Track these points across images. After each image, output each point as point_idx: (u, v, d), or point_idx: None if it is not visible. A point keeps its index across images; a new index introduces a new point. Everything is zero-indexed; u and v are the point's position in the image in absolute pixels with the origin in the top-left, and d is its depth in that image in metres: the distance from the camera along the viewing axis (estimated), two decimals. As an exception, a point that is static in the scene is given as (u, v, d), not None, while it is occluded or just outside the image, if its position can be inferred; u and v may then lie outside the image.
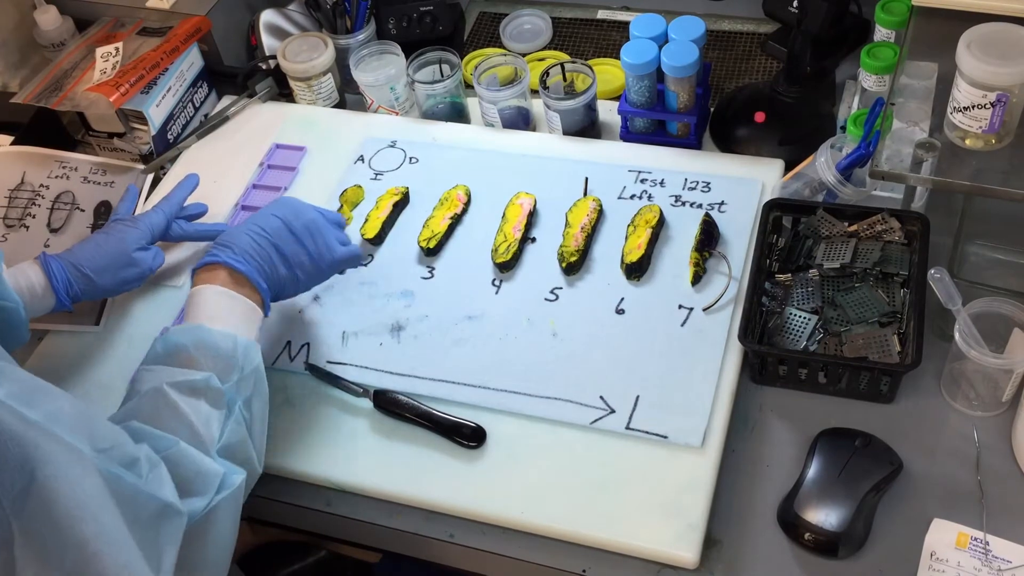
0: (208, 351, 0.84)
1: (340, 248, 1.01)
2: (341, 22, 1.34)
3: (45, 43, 1.39)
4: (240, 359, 0.85)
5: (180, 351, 0.84)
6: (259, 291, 0.92)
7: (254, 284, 0.92)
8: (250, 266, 0.92)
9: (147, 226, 1.08)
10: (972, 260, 1.02)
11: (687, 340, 1.00)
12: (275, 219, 0.96)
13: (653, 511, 0.88)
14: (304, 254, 0.97)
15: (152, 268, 1.08)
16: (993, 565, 0.82)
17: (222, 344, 0.85)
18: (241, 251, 0.92)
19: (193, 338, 0.85)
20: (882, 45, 1.11)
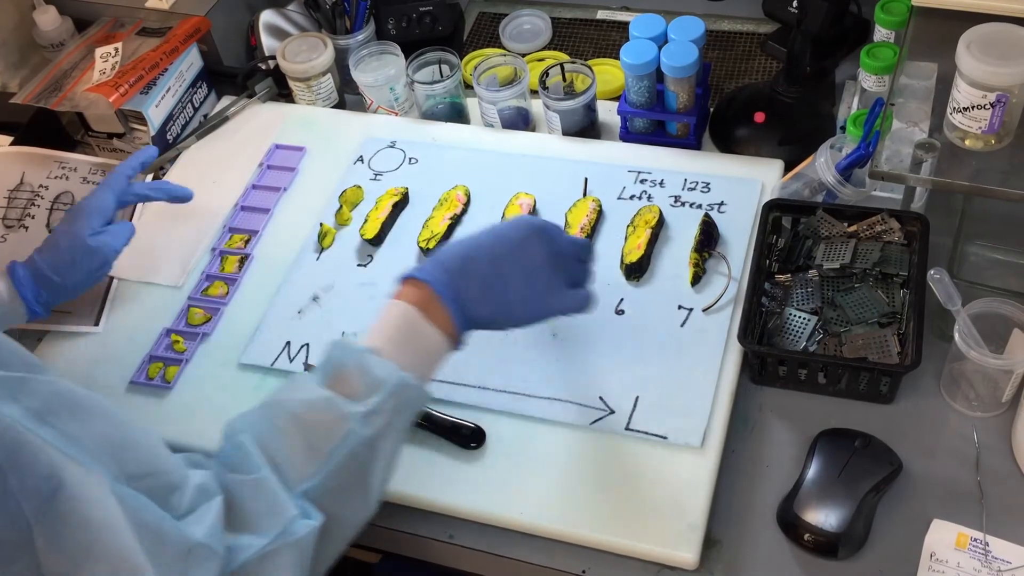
0: (365, 378, 0.76)
1: (567, 293, 0.87)
2: (340, 22, 1.34)
3: (44, 43, 1.39)
4: (386, 391, 0.76)
5: (341, 369, 0.77)
6: (455, 323, 0.81)
7: (451, 316, 0.81)
8: (452, 291, 0.81)
9: (95, 208, 1.04)
10: (972, 260, 1.02)
11: (687, 340, 1.00)
12: (505, 243, 0.84)
13: (653, 511, 0.88)
14: (522, 293, 0.84)
15: (116, 248, 1.04)
16: (993, 566, 0.82)
17: (380, 375, 0.76)
18: (449, 271, 0.82)
19: (356, 360, 0.77)
20: (882, 45, 1.11)
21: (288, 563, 0.70)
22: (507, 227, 0.86)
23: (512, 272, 0.83)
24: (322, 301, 1.10)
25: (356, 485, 0.76)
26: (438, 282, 0.81)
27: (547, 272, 0.85)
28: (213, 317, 1.10)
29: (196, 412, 1.02)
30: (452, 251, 0.84)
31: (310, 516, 0.72)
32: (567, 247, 0.88)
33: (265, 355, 1.05)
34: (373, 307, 1.06)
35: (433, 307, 0.80)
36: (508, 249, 0.84)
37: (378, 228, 1.14)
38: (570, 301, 0.88)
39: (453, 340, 0.82)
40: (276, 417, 0.75)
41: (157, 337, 1.09)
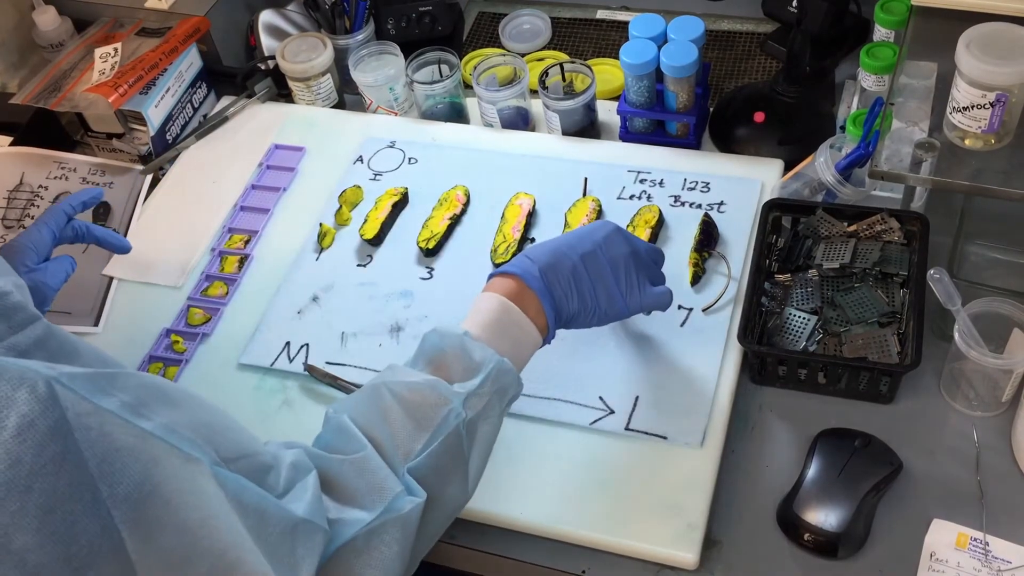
0: (463, 361, 0.79)
1: (649, 290, 0.92)
2: (340, 22, 1.34)
3: (44, 44, 1.39)
4: (484, 375, 0.78)
5: (438, 353, 0.79)
6: (546, 316, 0.85)
7: (544, 308, 0.84)
8: (545, 285, 0.85)
9: (29, 246, 1.00)
10: (972, 260, 1.02)
11: (687, 340, 0.99)
12: (590, 243, 0.89)
13: (653, 511, 0.88)
14: (612, 287, 0.89)
15: (52, 286, 1.00)
16: (993, 566, 0.82)
17: (477, 358, 0.79)
18: (543, 268, 0.85)
19: (453, 344, 0.79)
20: (881, 45, 1.11)
21: (393, 539, 0.71)
22: (591, 227, 0.91)
23: (599, 268, 0.88)
24: (322, 301, 1.10)
25: (456, 467, 0.77)
26: (529, 275, 0.84)
27: (631, 270, 0.90)
28: (213, 317, 1.10)
29: (196, 412, 1.02)
30: (541, 248, 0.88)
31: (415, 493, 0.73)
32: (644, 249, 0.93)
33: (265, 355, 1.05)
34: (373, 307, 1.08)
35: (526, 299, 0.83)
36: (594, 246, 0.88)
37: (378, 228, 1.14)
38: (653, 298, 0.93)
39: (543, 332, 0.85)
40: (379, 399, 0.76)
41: (157, 337, 1.09)
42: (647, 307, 0.93)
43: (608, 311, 0.89)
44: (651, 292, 0.93)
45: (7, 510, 0.56)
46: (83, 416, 0.58)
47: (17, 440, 0.56)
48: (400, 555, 0.72)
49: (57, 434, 0.57)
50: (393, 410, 0.75)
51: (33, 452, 0.56)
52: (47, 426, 0.57)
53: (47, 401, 0.57)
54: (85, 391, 0.59)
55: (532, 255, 0.87)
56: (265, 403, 1.02)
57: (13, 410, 0.56)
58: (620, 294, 0.89)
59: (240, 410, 1.02)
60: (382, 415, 0.75)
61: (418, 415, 0.75)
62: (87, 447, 0.58)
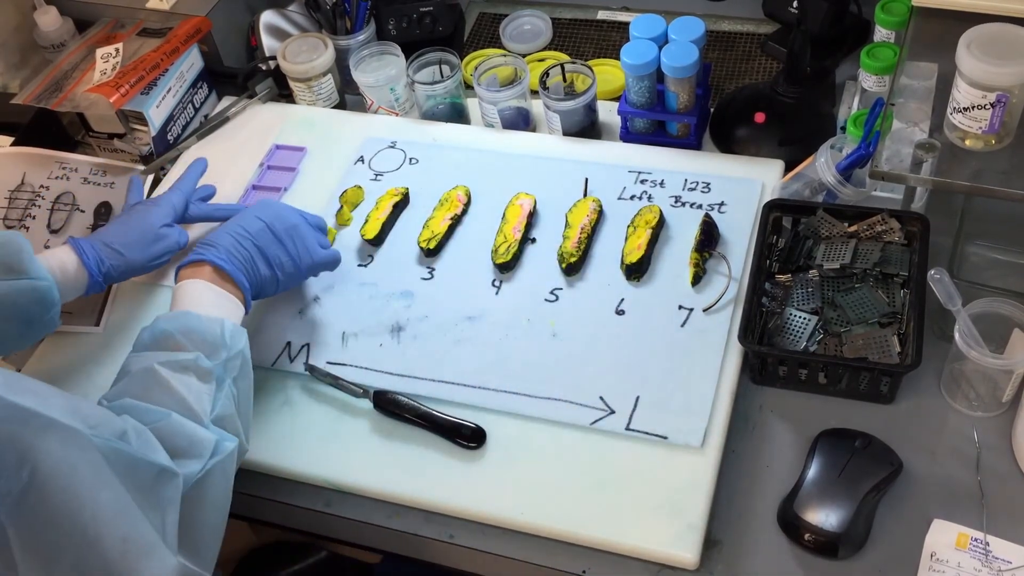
0: (195, 335, 0.87)
1: (320, 251, 1.04)
2: (341, 23, 1.35)
3: (45, 44, 1.39)
4: (227, 340, 0.88)
5: (167, 337, 0.87)
6: (241, 289, 0.96)
7: (236, 282, 0.95)
8: (233, 265, 0.95)
9: (169, 204, 1.10)
10: (972, 260, 1.02)
11: (687, 341, 1.00)
12: (258, 221, 1.00)
13: (653, 511, 0.88)
14: (285, 256, 1.01)
15: (180, 243, 1.10)
16: (993, 566, 0.82)
17: (208, 328, 0.88)
18: (225, 250, 0.96)
19: (180, 324, 0.88)
20: (882, 45, 1.11)
21: (222, 479, 0.82)
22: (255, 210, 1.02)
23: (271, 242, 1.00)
24: (323, 301, 1.10)
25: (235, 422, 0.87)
26: (219, 259, 0.95)
27: (299, 243, 1.02)
28: (213, 317, 1.10)
29: (196, 412, 1.02)
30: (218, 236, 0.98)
31: (226, 439, 0.83)
32: (307, 218, 1.05)
33: (265, 355, 1.05)
34: (373, 307, 1.08)
35: (223, 279, 0.95)
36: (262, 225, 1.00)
37: (378, 228, 1.14)
38: (323, 258, 1.05)
39: (243, 303, 0.96)
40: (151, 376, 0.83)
41: (158, 337, 1.09)
42: (321, 267, 1.06)
43: (287, 277, 1.01)
44: (322, 254, 1.04)
45: None
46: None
47: None
48: (226, 492, 0.83)
49: None
50: (176, 380, 0.83)
51: None
52: None
53: None
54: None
55: (211, 241, 0.97)
56: (266, 403, 1.02)
57: None
58: (293, 262, 1.01)
59: (241, 410, 1.02)
60: (166, 387, 0.83)
61: (198, 381, 0.84)
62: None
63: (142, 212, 1.09)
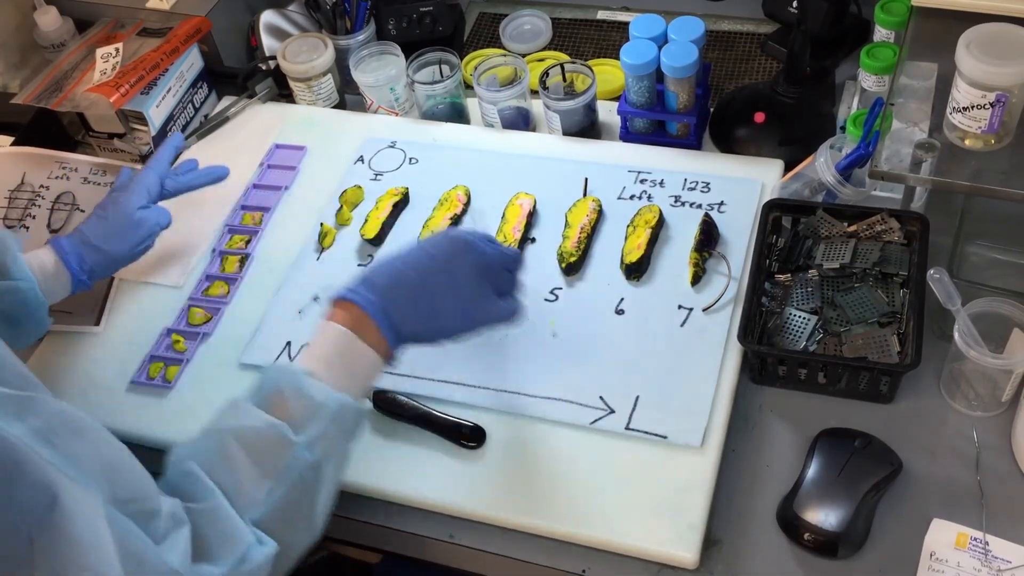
0: (302, 400, 0.78)
1: (495, 303, 0.89)
2: (341, 23, 1.35)
3: (45, 44, 1.39)
4: (328, 418, 0.78)
5: (276, 394, 0.79)
6: (388, 340, 0.83)
7: (383, 334, 0.83)
8: (383, 311, 0.83)
9: (142, 186, 1.07)
10: (971, 260, 1.02)
11: (687, 340, 1.00)
12: (431, 259, 0.86)
13: (653, 511, 0.88)
14: (454, 303, 0.86)
15: (159, 223, 1.08)
16: (993, 565, 0.82)
17: (317, 398, 0.78)
18: (378, 290, 0.84)
19: (292, 384, 0.79)
20: (882, 45, 1.11)
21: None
22: (434, 243, 0.88)
23: (439, 288, 0.85)
24: (323, 301, 1.10)
25: (302, 511, 0.77)
26: (368, 302, 0.83)
27: (473, 284, 0.87)
28: (214, 317, 1.10)
29: (197, 412, 1.02)
30: (381, 270, 0.86)
31: (264, 543, 0.74)
32: (495, 258, 0.89)
33: (265, 355, 1.05)
34: (373, 307, 1.08)
35: (366, 326, 0.82)
36: (435, 265, 0.86)
37: (378, 228, 1.14)
38: (498, 312, 0.89)
39: (386, 357, 0.84)
40: (222, 444, 0.76)
41: (158, 337, 1.09)
42: (494, 322, 0.89)
43: (453, 329, 0.87)
44: (497, 307, 0.88)
45: None
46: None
47: None
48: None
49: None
50: (236, 456, 0.75)
51: None
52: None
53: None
54: None
55: (372, 278, 0.85)
56: (266, 403, 1.02)
57: None
58: (463, 311, 0.86)
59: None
60: (225, 461, 0.75)
61: (261, 463, 0.75)
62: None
63: (117, 200, 1.06)
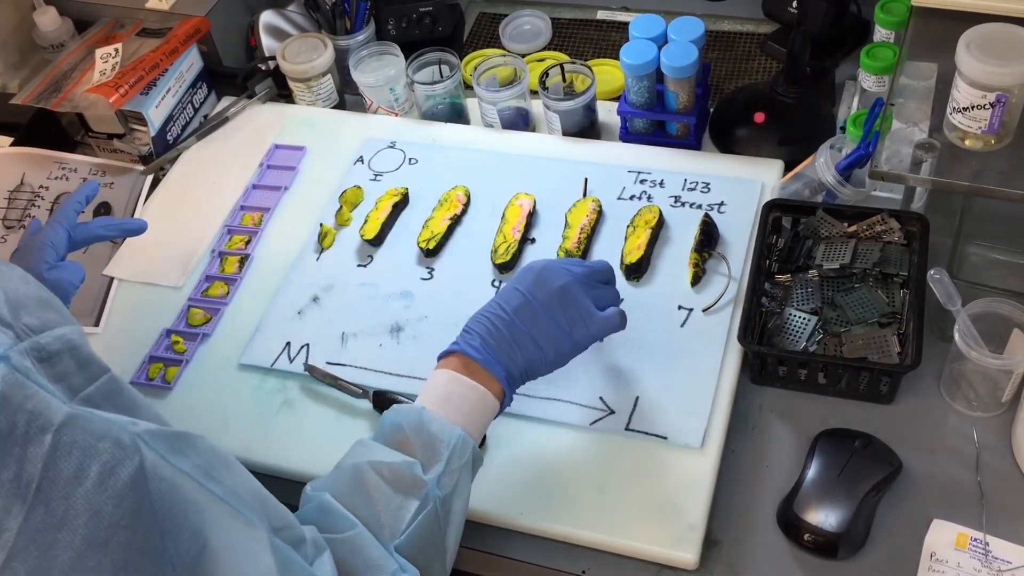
0: (422, 436, 0.79)
1: (596, 316, 0.89)
2: (340, 23, 1.35)
3: (44, 44, 1.39)
4: (449, 452, 0.79)
5: (397, 431, 0.80)
6: (497, 378, 0.84)
7: (492, 374, 0.84)
8: (487, 353, 0.85)
9: (49, 244, 1.00)
10: (972, 260, 1.02)
11: (687, 341, 1.00)
12: (518, 294, 0.88)
13: (653, 511, 0.88)
14: (555, 328, 0.87)
15: (73, 283, 1.00)
16: (993, 566, 0.82)
17: (436, 432, 0.79)
18: (478, 336, 0.86)
19: (411, 420, 0.80)
20: (881, 45, 1.11)
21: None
22: (517, 278, 0.89)
23: (534, 317, 0.86)
24: (322, 301, 1.10)
25: (436, 545, 0.78)
26: (470, 347, 0.85)
27: (571, 309, 0.88)
28: (213, 317, 1.10)
29: (196, 412, 1.02)
30: (475, 318, 0.88)
31: (407, 570, 0.74)
32: (582, 275, 0.90)
33: (265, 355, 1.05)
34: (373, 307, 1.08)
35: (473, 369, 0.84)
36: (523, 296, 0.87)
37: (378, 228, 1.14)
38: (601, 326, 0.90)
39: (500, 394, 0.85)
40: (360, 476, 0.77)
41: (157, 337, 1.09)
42: (599, 337, 0.91)
43: (559, 353, 0.88)
44: (599, 321, 0.89)
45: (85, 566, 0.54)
46: (159, 469, 0.58)
47: (99, 490, 0.55)
48: None
49: (136, 485, 0.56)
50: (379, 488, 0.76)
51: (113, 503, 0.55)
52: (128, 475, 0.56)
53: (129, 452, 0.56)
54: (164, 451, 0.59)
55: (469, 325, 0.87)
56: (265, 403, 1.02)
57: (96, 459, 0.55)
58: (564, 333, 0.87)
59: (240, 411, 1.02)
60: (366, 494, 0.76)
61: (400, 494, 0.76)
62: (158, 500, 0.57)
63: (21, 260, 0.99)
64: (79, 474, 0.54)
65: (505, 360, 0.85)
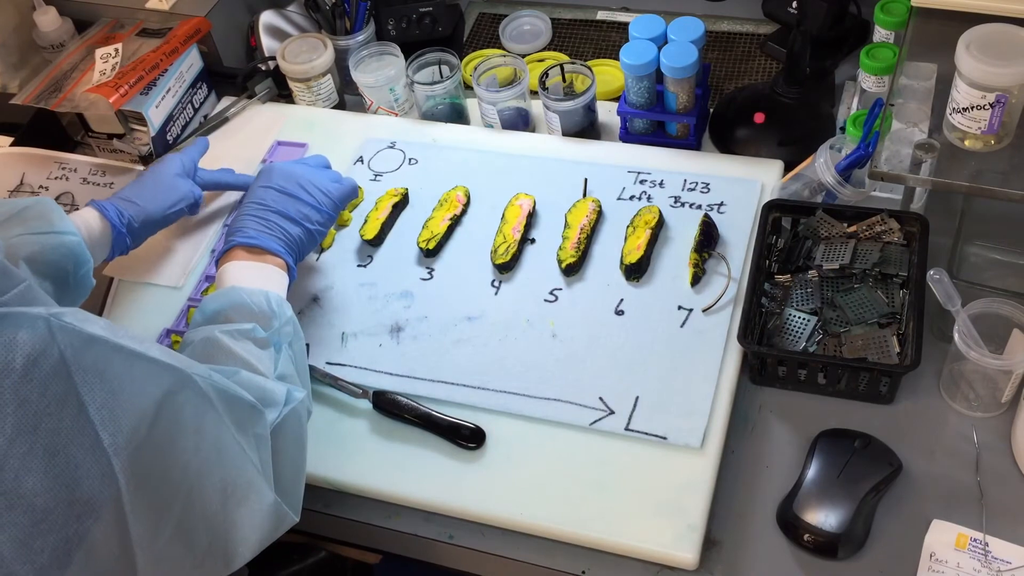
0: (244, 309, 0.88)
1: (336, 187, 1.06)
2: (340, 23, 1.35)
3: (44, 44, 1.39)
4: (275, 309, 0.90)
5: (219, 314, 0.88)
6: (279, 255, 0.97)
7: (273, 251, 0.97)
8: (263, 238, 0.97)
9: (176, 158, 1.14)
10: (971, 261, 1.02)
11: (686, 341, 1.00)
12: (267, 190, 1.02)
13: (653, 512, 0.88)
14: (306, 207, 1.02)
15: (193, 194, 1.13)
16: (993, 566, 0.82)
17: (255, 301, 0.89)
18: (250, 228, 0.98)
19: (228, 300, 0.89)
20: (881, 46, 1.11)
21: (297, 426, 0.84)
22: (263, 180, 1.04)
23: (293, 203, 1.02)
24: (322, 301, 1.10)
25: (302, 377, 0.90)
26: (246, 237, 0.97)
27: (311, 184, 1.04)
28: (213, 318, 1.10)
29: (196, 412, 1.02)
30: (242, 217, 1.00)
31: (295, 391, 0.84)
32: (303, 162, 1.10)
33: (265, 355, 1.05)
34: (373, 307, 1.08)
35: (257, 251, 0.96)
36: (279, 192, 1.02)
37: (378, 229, 1.14)
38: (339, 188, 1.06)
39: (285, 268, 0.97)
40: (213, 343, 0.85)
41: (157, 337, 1.09)
42: (345, 201, 1.07)
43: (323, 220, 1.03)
44: (339, 189, 1.06)
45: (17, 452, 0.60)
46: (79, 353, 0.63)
47: (24, 380, 0.60)
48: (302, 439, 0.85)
49: (59, 374, 0.61)
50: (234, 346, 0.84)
51: (38, 391, 0.60)
52: (50, 366, 0.61)
53: (47, 340, 0.61)
54: (76, 320, 0.64)
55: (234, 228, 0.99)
56: (265, 403, 1.02)
57: (18, 351, 0.60)
58: (320, 202, 1.03)
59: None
60: (228, 353, 0.84)
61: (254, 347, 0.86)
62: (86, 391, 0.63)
63: (154, 167, 1.14)
64: (6, 367, 0.60)
65: (279, 241, 0.98)
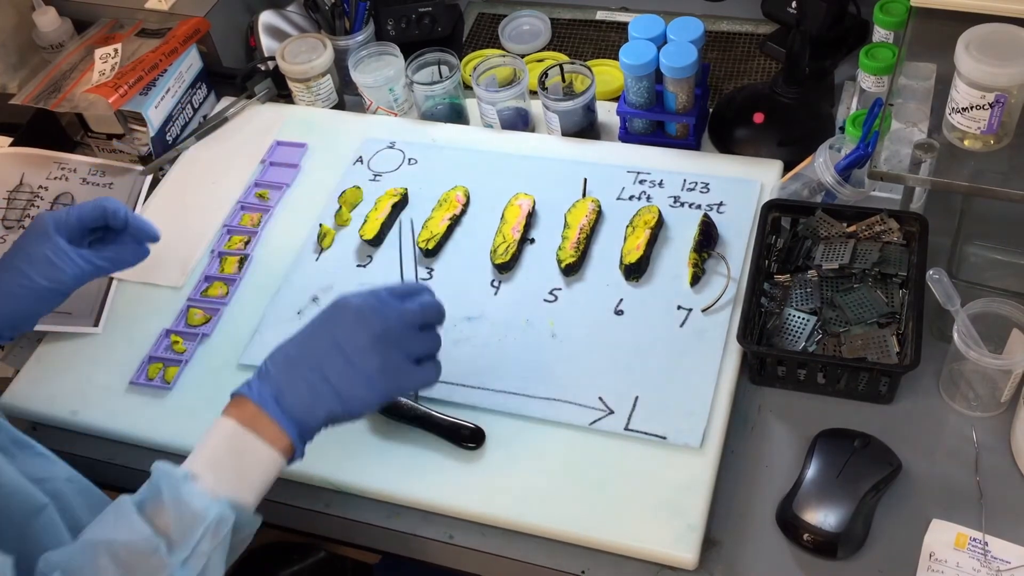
0: (179, 509, 0.73)
1: (411, 371, 0.83)
2: (340, 23, 1.35)
3: (44, 44, 1.39)
4: (202, 531, 0.73)
5: (156, 498, 0.74)
6: (288, 435, 0.79)
7: (282, 427, 0.79)
8: (281, 407, 0.79)
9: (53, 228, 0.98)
10: (971, 261, 1.02)
11: (686, 341, 1.00)
12: (329, 337, 0.81)
13: (652, 512, 0.89)
14: (361, 381, 0.80)
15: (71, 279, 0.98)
16: (992, 566, 0.82)
17: (196, 508, 0.74)
18: (271, 379, 0.80)
19: (172, 489, 0.74)
20: (881, 46, 1.12)
21: None
22: (326, 320, 0.83)
23: (334, 364, 0.80)
24: (322, 302, 1.10)
25: None
26: (259, 395, 0.79)
27: (386, 361, 0.81)
28: (213, 318, 1.10)
29: (196, 413, 1.02)
30: (275, 356, 0.82)
31: None
32: (397, 319, 0.82)
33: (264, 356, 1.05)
34: (373, 308, 1.08)
35: (260, 420, 0.78)
36: (323, 343, 0.81)
37: (377, 229, 1.14)
38: (414, 382, 0.85)
39: (287, 452, 0.79)
40: (96, 556, 0.72)
41: (157, 338, 1.09)
42: (407, 391, 0.88)
43: (364, 406, 0.82)
44: (411, 373, 0.83)
45: None
46: None
47: None
48: None
49: None
50: (108, 571, 0.71)
51: None
52: None
53: None
54: None
55: (267, 364, 0.81)
56: (265, 403, 1.02)
57: None
58: (373, 387, 0.81)
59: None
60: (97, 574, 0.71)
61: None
62: None
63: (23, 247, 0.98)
64: None
65: (302, 414, 0.79)
